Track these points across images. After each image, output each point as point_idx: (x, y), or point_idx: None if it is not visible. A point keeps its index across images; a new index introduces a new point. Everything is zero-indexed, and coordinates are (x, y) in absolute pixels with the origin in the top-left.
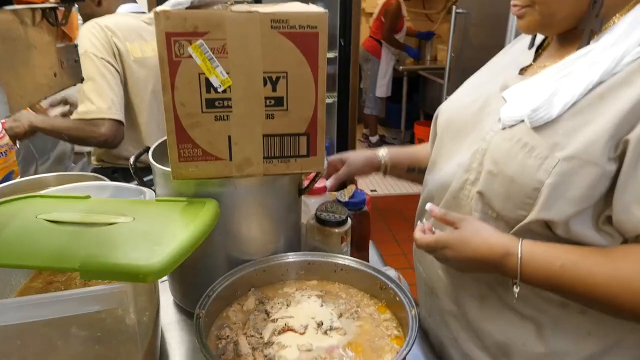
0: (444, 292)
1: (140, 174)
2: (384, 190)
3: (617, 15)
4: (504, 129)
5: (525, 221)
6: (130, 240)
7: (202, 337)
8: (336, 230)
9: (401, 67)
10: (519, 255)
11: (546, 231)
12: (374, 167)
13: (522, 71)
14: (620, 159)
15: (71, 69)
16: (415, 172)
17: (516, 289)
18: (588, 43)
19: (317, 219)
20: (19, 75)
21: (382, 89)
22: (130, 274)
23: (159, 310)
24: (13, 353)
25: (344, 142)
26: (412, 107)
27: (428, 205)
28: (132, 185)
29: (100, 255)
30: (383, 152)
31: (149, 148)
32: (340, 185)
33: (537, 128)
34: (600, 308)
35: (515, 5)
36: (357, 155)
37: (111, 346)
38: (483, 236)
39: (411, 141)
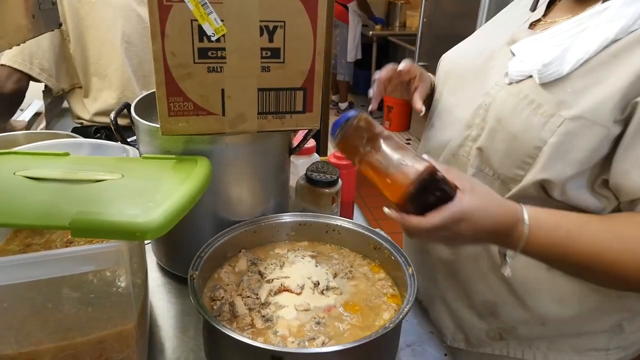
0: (435, 250)
1: (121, 131)
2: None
3: None
4: (510, 83)
5: (523, 182)
6: (122, 197)
7: (197, 298)
8: (327, 190)
9: (370, 33)
10: (526, 223)
11: (541, 194)
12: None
13: (532, 25)
14: (626, 121)
15: (48, 12)
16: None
17: (509, 260)
18: None
19: (307, 179)
20: None
21: (352, 53)
22: (127, 231)
23: (147, 273)
24: None
25: None
26: None
27: (425, 156)
28: (113, 143)
29: (91, 212)
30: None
31: (129, 104)
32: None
33: (546, 85)
34: (603, 277)
35: None
36: (425, 72)
37: (105, 308)
38: (497, 201)
39: (380, 108)
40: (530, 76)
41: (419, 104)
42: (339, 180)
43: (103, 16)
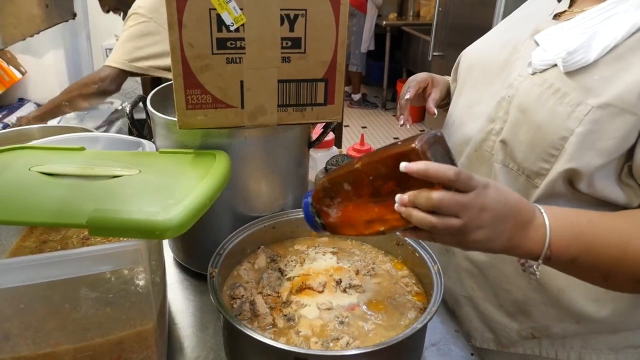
0: (460, 251)
1: (137, 125)
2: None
3: None
4: (534, 73)
5: (549, 176)
6: (140, 194)
7: (218, 297)
8: None
9: (384, 23)
10: (544, 215)
11: (569, 189)
12: (447, 93)
13: (557, 16)
14: None
15: (62, 2)
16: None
17: (537, 269)
18: None
19: (327, 173)
20: (12, 1)
21: (367, 44)
22: (146, 229)
23: (165, 270)
24: (15, 317)
25: None
26: (394, 64)
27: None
28: (128, 137)
29: (110, 210)
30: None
31: (145, 97)
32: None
33: (571, 73)
34: (626, 270)
35: None
36: (437, 76)
37: (124, 309)
38: (514, 193)
39: (393, 99)
40: (555, 65)
41: (432, 109)
42: None
43: None
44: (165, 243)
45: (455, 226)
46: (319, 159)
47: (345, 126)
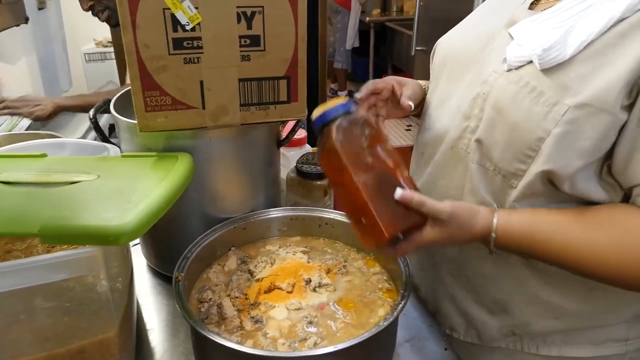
0: (439, 249)
1: (101, 128)
2: None
3: None
4: (509, 70)
5: (526, 177)
6: (96, 200)
7: (182, 301)
8: (318, 182)
9: (368, 19)
10: (493, 236)
11: (550, 188)
12: (423, 98)
13: (533, 5)
14: (632, 106)
15: (12, 5)
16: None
17: (493, 250)
18: None
19: (297, 171)
20: None
21: (351, 40)
22: (100, 235)
23: (132, 276)
24: None
25: (314, 98)
26: (379, 60)
27: (398, 192)
28: (94, 142)
29: (63, 217)
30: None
31: (109, 100)
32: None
33: (547, 70)
34: (586, 276)
35: None
36: (409, 80)
37: (83, 317)
38: (466, 231)
39: None
40: (531, 61)
41: (406, 102)
42: None
43: None
44: (138, 247)
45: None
46: (291, 157)
47: None
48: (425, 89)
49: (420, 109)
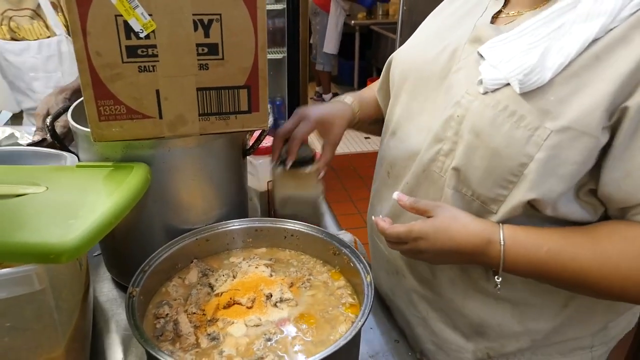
0: (410, 272)
1: (58, 136)
2: (337, 149)
3: None
4: (485, 93)
5: (508, 203)
6: (41, 215)
7: (135, 319)
8: (309, 168)
9: (353, 22)
10: (502, 243)
11: (533, 212)
12: (349, 124)
13: (494, 19)
14: (613, 128)
15: None
16: (380, 123)
17: (498, 280)
18: None
19: (284, 163)
20: None
21: (331, 44)
22: (40, 254)
23: (88, 290)
24: None
25: (295, 100)
26: (364, 64)
27: (395, 195)
28: (50, 150)
29: (3, 234)
30: (352, 103)
31: (68, 106)
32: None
33: (526, 94)
34: (588, 292)
35: None
36: (325, 114)
37: (26, 336)
38: (462, 223)
39: None
40: (507, 84)
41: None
42: (316, 153)
43: None
44: (101, 258)
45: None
46: (259, 165)
47: None
48: (355, 112)
49: (375, 126)
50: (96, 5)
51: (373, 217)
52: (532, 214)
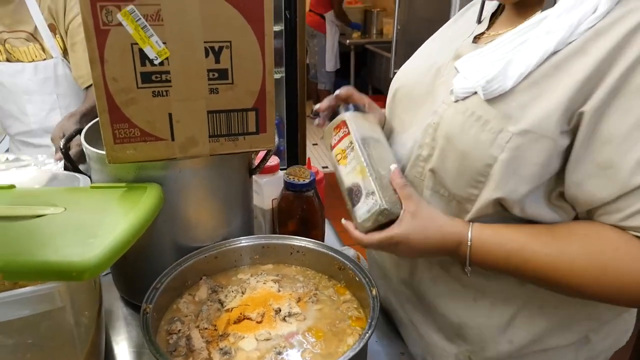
0: (396, 274)
1: (71, 158)
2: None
3: None
4: (456, 101)
5: (479, 201)
6: (61, 234)
7: (149, 334)
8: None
9: (348, 41)
10: (469, 243)
11: (503, 212)
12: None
13: (476, 39)
14: (573, 132)
15: None
16: None
17: (468, 271)
18: (554, 3)
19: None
20: None
21: (331, 62)
22: (62, 272)
23: (101, 307)
24: None
25: (294, 118)
26: (360, 82)
27: (393, 167)
28: (64, 172)
29: (26, 253)
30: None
31: (81, 129)
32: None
33: (491, 100)
34: (553, 288)
35: None
36: (377, 107)
37: (46, 352)
38: (438, 224)
39: None
40: (476, 92)
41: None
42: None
43: None
44: (109, 278)
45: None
46: (264, 184)
47: (313, 144)
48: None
49: None
50: (114, 35)
51: (343, 221)
52: (506, 215)
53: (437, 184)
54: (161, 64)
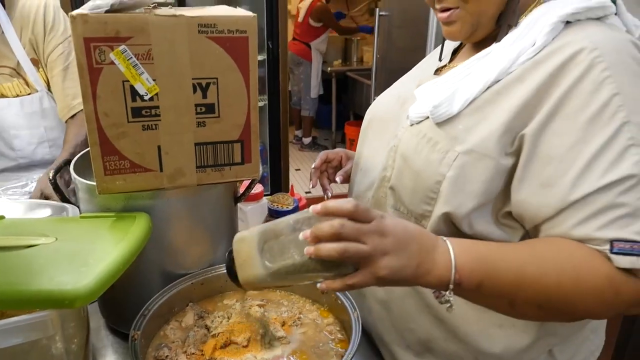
0: (370, 292)
1: (60, 189)
2: (319, 191)
3: (522, 16)
4: (412, 125)
5: (432, 218)
6: (53, 263)
7: None
8: None
9: (329, 69)
10: (448, 244)
11: (452, 228)
12: None
13: (437, 71)
14: (517, 153)
15: None
16: None
17: (451, 296)
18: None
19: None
20: None
21: (316, 89)
22: (56, 300)
23: (89, 335)
24: None
25: (277, 145)
26: (342, 108)
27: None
28: (52, 202)
29: (19, 282)
30: None
31: (70, 160)
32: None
33: (440, 124)
34: (530, 289)
35: (444, 10)
36: (351, 152)
37: None
38: (410, 222)
39: (342, 141)
40: (428, 117)
41: (335, 177)
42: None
43: None
44: (95, 306)
45: (364, 250)
46: (249, 211)
47: (296, 170)
48: None
49: None
50: (106, 73)
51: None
52: (456, 233)
53: (397, 201)
54: (151, 99)
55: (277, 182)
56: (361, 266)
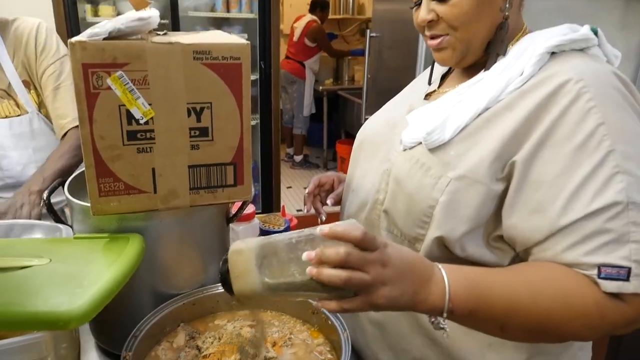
0: (364, 313)
1: (54, 209)
2: (312, 211)
3: (510, 45)
4: (405, 150)
5: (425, 241)
6: (47, 285)
7: None
8: None
9: (321, 88)
10: (442, 271)
11: (445, 252)
12: None
13: (427, 96)
14: (507, 179)
15: None
16: None
17: (445, 323)
18: (495, 62)
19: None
20: None
21: (308, 107)
22: (50, 321)
23: (79, 356)
24: None
25: (268, 163)
26: (333, 126)
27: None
28: (46, 222)
29: (13, 303)
30: None
31: (64, 181)
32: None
33: (433, 150)
34: (522, 315)
35: (433, 38)
36: (343, 175)
37: None
38: (408, 249)
39: (334, 159)
40: (421, 143)
41: (329, 201)
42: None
43: None
44: (86, 326)
45: (366, 280)
46: (240, 232)
47: (288, 187)
48: None
49: None
50: (103, 98)
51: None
52: (448, 256)
53: (390, 224)
54: (146, 123)
55: (269, 199)
56: (360, 293)
